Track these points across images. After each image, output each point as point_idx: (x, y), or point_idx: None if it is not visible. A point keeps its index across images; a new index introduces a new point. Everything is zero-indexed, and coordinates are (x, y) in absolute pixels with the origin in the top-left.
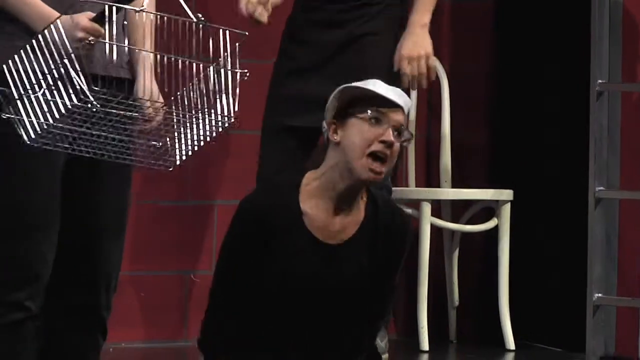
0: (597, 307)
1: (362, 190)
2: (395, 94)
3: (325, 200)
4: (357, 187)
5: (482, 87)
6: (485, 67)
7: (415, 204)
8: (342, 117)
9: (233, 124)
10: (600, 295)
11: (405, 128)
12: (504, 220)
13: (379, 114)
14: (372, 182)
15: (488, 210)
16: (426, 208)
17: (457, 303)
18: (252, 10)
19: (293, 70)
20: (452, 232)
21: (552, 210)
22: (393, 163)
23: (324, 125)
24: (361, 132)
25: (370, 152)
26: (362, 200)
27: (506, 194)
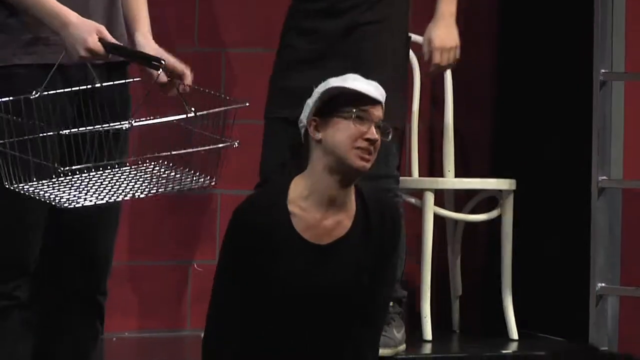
0: (600, 297)
1: (351, 186)
2: (374, 88)
3: (315, 200)
4: (348, 180)
5: (485, 77)
6: (488, 57)
7: (419, 194)
8: (323, 115)
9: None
10: (603, 284)
11: (383, 122)
12: (507, 210)
13: (362, 112)
14: (362, 172)
15: (491, 200)
16: (429, 198)
17: (460, 293)
18: None
19: (294, 61)
20: (455, 221)
21: (555, 200)
22: (376, 155)
23: (303, 122)
24: (346, 131)
25: (356, 147)
26: (352, 197)
27: (509, 184)
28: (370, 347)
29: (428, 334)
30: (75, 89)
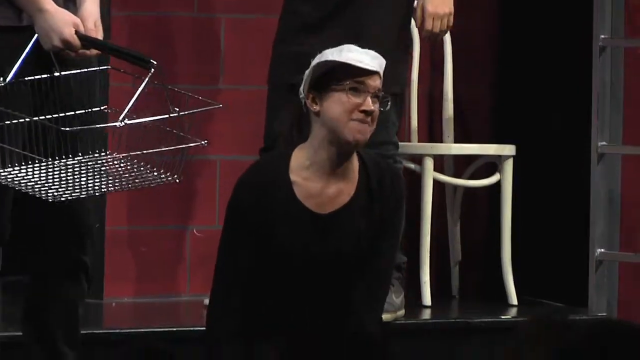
0: (599, 263)
1: (352, 155)
2: (370, 57)
3: (317, 169)
4: (347, 151)
5: (485, 43)
6: (487, 22)
7: (418, 159)
8: (319, 87)
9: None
10: (602, 250)
11: (381, 91)
12: (507, 176)
13: (357, 83)
14: (360, 144)
15: (491, 165)
16: (429, 163)
17: (459, 258)
18: None
19: (297, 27)
20: (455, 187)
21: (554, 165)
22: (375, 125)
23: (302, 94)
24: (341, 103)
25: (352, 119)
26: (354, 164)
27: (509, 149)
28: (372, 313)
29: (427, 299)
30: (42, 76)
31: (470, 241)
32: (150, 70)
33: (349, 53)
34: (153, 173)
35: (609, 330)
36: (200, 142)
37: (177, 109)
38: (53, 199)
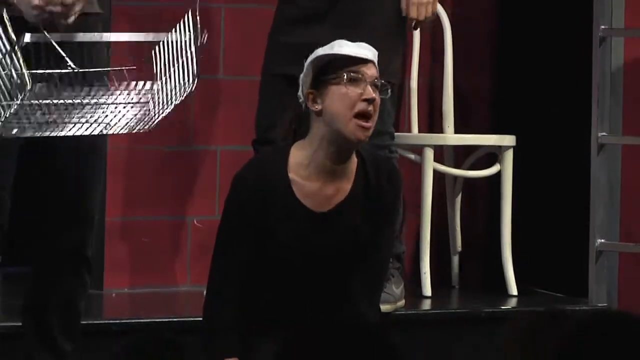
0: (599, 253)
1: (352, 154)
2: (363, 48)
3: (316, 169)
4: (348, 149)
5: (485, 33)
6: (487, 13)
7: (418, 150)
8: (318, 85)
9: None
10: (602, 241)
11: (380, 80)
12: (507, 166)
13: (354, 73)
14: (362, 142)
15: (491, 156)
16: (429, 153)
17: (459, 249)
18: None
19: (293, 17)
20: (455, 177)
21: (554, 156)
22: (377, 115)
23: (301, 96)
24: (342, 96)
25: (356, 112)
26: (353, 163)
27: (509, 140)
28: (370, 303)
29: (427, 289)
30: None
31: (470, 232)
32: None
33: (341, 47)
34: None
35: (609, 321)
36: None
37: None
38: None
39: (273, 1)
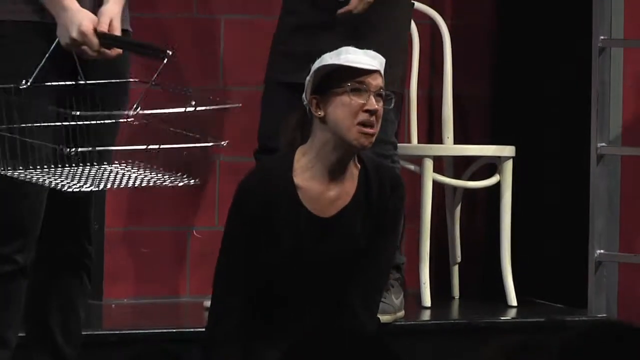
0: (599, 264)
1: (353, 157)
2: (370, 57)
3: (319, 172)
4: (350, 154)
5: (485, 44)
6: (487, 23)
7: (418, 160)
8: (322, 91)
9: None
10: (602, 251)
11: (384, 90)
12: (506, 177)
13: (358, 84)
14: (365, 148)
15: (490, 166)
16: (428, 164)
17: (459, 259)
18: None
19: (295, 26)
20: (454, 188)
21: (554, 166)
22: (380, 124)
23: (305, 100)
24: (344, 106)
25: (358, 122)
26: (355, 167)
27: (508, 150)
28: (369, 311)
29: (427, 300)
30: (67, 83)
31: (469, 242)
32: (164, 60)
33: (348, 55)
34: (171, 174)
35: (609, 332)
36: (219, 143)
37: (194, 102)
38: (68, 189)
39: (272, 12)
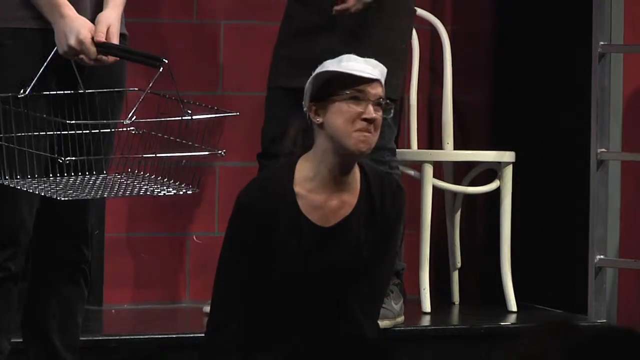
0: (598, 269)
1: (354, 165)
2: (371, 66)
3: (321, 181)
4: (350, 162)
5: (484, 49)
6: (487, 28)
7: (417, 166)
8: (321, 98)
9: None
10: (602, 257)
11: (384, 99)
12: (506, 182)
13: (357, 92)
14: (364, 154)
15: (490, 172)
16: (428, 170)
17: (459, 265)
18: None
19: (296, 31)
20: (454, 193)
21: (554, 172)
22: (378, 133)
23: (305, 106)
24: (342, 114)
25: (355, 130)
26: (356, 175)
27: (508, 156)
28: (370, 319)
29: (427, 306)
30: (66, 92)
31: (469, 248)
32: (160, 69)
33: (349, 62)
34: (168, 183)
35: (614, 339)
36: (217, 152)
37: (190, 111)
38: (64, 198)
39: (271, 18)
